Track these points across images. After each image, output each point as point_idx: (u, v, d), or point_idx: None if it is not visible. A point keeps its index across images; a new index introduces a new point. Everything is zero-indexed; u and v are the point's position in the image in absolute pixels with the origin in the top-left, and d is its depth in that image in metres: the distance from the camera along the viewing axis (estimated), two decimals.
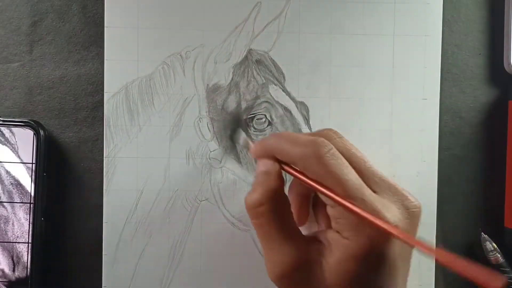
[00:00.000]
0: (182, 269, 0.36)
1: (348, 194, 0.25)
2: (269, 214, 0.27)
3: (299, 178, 0.27)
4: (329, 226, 0.28)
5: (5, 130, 0.34)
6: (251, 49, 0.37)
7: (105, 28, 0.36)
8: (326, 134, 0.28)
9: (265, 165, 0.28)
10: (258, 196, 0.27)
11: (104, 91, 0.36)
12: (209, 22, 0.36)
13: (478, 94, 0.38)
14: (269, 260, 0.27)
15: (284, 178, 0.29)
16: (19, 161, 0.34)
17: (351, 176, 0.26)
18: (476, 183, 0.38)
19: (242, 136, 0.36)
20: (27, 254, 0.34)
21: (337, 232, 0.26)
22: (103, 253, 0.36)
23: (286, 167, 0.28)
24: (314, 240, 0.28)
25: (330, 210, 0.27)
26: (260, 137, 0.37)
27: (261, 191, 0.27)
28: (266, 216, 0.27)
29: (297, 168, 0.28)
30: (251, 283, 0.36)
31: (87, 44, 0.36)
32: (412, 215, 0.26)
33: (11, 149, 0.34)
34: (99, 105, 0.36)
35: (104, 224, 0.36)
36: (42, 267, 0.34)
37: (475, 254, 0.38)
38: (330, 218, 0.27)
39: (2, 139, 0.34)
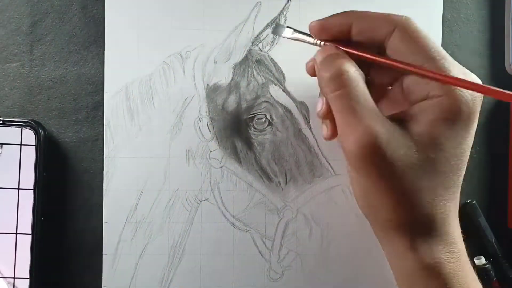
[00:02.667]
0: (182, 269, 0.36)
1: (439, 54, 0.26)
2: (350, 83, 0.26)
3: (371, 58, 0.28)
4: (405, 102, 0.28)
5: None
6: (251, 49, 0.37)
7: (105, 28, 0.36)
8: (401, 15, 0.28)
9: (330, 49, 0.29)
10: (335, 67, 0.27)
11: (104, 91, 0.36)
12: (209, 22, 0.36)
13: (478, 94, 0.38)
14: (354, 132, 0.26)
15: None
16: (19, 161, 0.34)
17: (436, 42, 0.27)
18: (477, 183, 0.38)
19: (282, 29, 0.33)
20: (27, 254, 0.34)
21: (423, 99, 0.26)
22: (103, 253, 0.36)
23: (353, 50, 0.28)
24: (395, 118, 0.27)
25: (411, 80, 0.27)
26: (260, 137, 0.37)
27: (338, 63, 0.27)
28: (347, 86, 0.26)
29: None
30: (251, 283, 0.36)
31: (87, 44, 0.36)
32: None
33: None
34: (99, 105, 0.36)
35: (104, 224, 0.36)
36: (42, 267, 0.34)
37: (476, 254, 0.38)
38: (407, 90, 0.27)
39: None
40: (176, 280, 0.36)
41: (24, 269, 0.34)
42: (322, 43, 0.30)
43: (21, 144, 0.34)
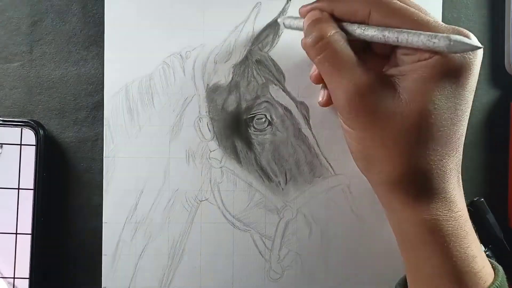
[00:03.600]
0: (182, 269, 0.36)
1: (421, 21, 0.26)
2: (332, 44, 0.28)
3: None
4: (397, 69, 0.28)
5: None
6: (251, 49, 0.37)
7: (105, 28, 0.36)
8: None
9: (314, 14, 0.30)
10: (316, 32, 0.28)
11: (104, 91, 0.36)
12: (209, 22, 0.36)
13: (478, 94, 0.38)
14: (340, 87, 0.28)
15: None
16: (19, 161, 0.34)
17: (415, 10, 0.27)
18: (477, 183, 0.38)
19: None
20: (27, 254, 0.34)
21: (413, 62, 0.27)
22: (103, 253, 0.36)
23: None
24: (383, 74, 0.28)
25: (401, 48, 0.27)
26: (260, 137, 0.37)
27: (316, 29, 0.29)
28: (329, 47, 0.28)
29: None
30: (251, 283, 0.36)
31: (87, 44, 0.36)
32: None
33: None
34: (99, 105, 0.36)
35: (104, 224, 0.36)
36: (42, 267, 0.34)
37: None
38: (397, 58, 0.28)
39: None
40: (176, 280, 0.36)
41: (24, 269, 0.34)
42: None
43: (21, 144, 0.34)
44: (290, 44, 0.37)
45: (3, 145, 0.34)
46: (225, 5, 0.36)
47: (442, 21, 0.37)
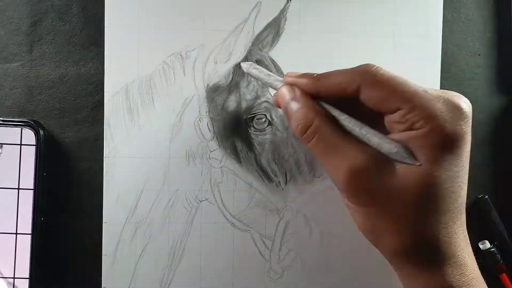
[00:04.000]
0: (182, 269, 0.36)
1: (408, 92, 0.26)
2: (320, 130, 0.28)
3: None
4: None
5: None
6: (251, 49, 0.37)
7: (105, 28, 0.36)
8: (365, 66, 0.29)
9: (289, 91, 0.30)
10: (300, 123, 0.29)
11: (104, 91, 0.36)
12: (209, 22, 0.36)
13: (479, 94, 0.38)
14: (336, 170, 0.27)
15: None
16: (19, 161, 0.34)
17: (407, 80, 0.27)
18: (477, 183, 0.38)
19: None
20: (27, 254, 0.34)
21: (407, 129, 0.27)
22: (103, 253, 0.36)
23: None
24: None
25: (390, 117, 0.27)
26: (260, 137, 0.37)
27: (301, 116, 0.29)
28: (318, 134, 0.28)
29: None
30: (251, 283, 0.36)
31: (87, 44, 0.36)
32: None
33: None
34: (99, 105, 0.36)
35: (104, 224, 0.36)
36: (42, 267, 0.34)
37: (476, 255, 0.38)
38: (388, 126, 0.28)
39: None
40: (176, 280, 0.36)
41: (24, 269, 0.34)
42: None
43: (21, 144, 0.34)
44: (290, 44, 0.37)
45: (3, 145, 0.34)
46: (225, 5, 0.36)
47: (443, 20, 0.37)
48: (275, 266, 0.36)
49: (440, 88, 0.37)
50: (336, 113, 0.28)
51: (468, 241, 0.28)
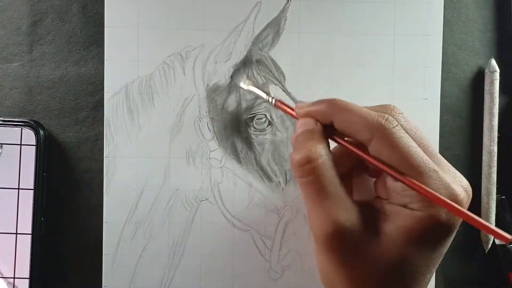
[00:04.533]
0: (182, 269, 0.36)
1: (418, 168, 0.25)
2: (319, 171, 0.26)
3: (354, 152, 0.27)
4: (386, 197, 0.27)
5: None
6: (251, 49, 0.36)
7: (105, 28, 0.36)
8: (387, 108, 0.27)
9: (307, 124, 0.28)
10: (305, 153, 0.27)
11: (104, 91, 0.36)
12: (209, 22, 0.36)
13: (478, 94, 0.38)
14: (319, 219, 0.26)
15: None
16: (19, 161, 0.34)
17: (419, 151, 0.26)
18: (477, 183, 0.38)
19: (244, 79, 0.34)
20: (27, 254, 0.34)
21: (401, 205, 0.26)
22: (103, 253, 0.36)
23: (338, 138, 0.28)
24: (368, 206, 0.27)
25: (392, 183, 0.26)
26: (260, 137, 0.37)
27: (306, 148, 0.27)
28: (315, 173, 0.26)
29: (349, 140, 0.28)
30: (251, 283, 0.36)
31: (87, 44, 0.36)
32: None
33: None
34: (99, 105, 0.36)
35: (104, 224, 0.36)
36: (42, 267, 0.34)
37: (475, 253, 0.38)
38: (388, 190, 0.27)
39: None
40: (176, 280, 0.36)
41: (24, 269, 0.34)
42: (274, 101, 0.31)
43: (21, 144, 0.34)
44: (290, 44, 0.37)
45: (3, 145, 0.34)
46: (225, 5, 0.36)
47: (443, 20, 0.37)
48: (275, 266, 0.36)
49: (440, 89, 0.37)
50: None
51: None
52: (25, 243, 0.34)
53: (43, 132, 0.35)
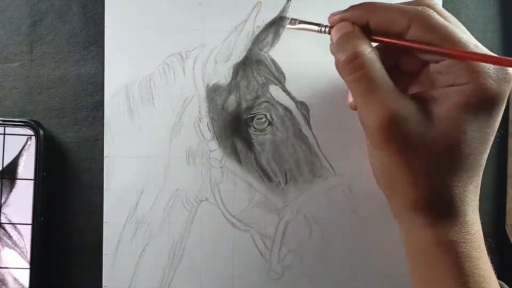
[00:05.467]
0: (182, 269, 0.36)
1: (459, 43, 0.26)
2: (367, 64, 0.27)
3: (396, 42, 0.28)
4: (431, 85, 0.28)
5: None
6: (251, 49, 0.37)
7: (105, 28, 0.36)
8: (423, 0, 0.29)
9: (344, 27, 0.29)
10: (351, 50, 0.27)
11: (104, 91, 0.36)
12: (209, 22, 0.36)
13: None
14: (372, 112, 0.26)
15: None
16: (19, 162, 0.34)
17: (457, 30, 0.27)
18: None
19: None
20: (27, 254, 0.34)
21: (448, 85, 0.27)
22: (103, 253, 0.36)
23: (377, 37, 0.28)
24: (417, 98, 0.27)
25: (436, 67, 0.27)
26: (260, 137, 0.37)
27: (352, 45, 0.28)
28: (364, 68, 0.27)
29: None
30: (251, 283, 0.36)
31: (87, 44, 0.36)
32: None
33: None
34: (99, 105, 0.36)
35: (104, 224, 0.36)
36: (42, 267, 0.34)
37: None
38: (433, 76, 0.28)
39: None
40: (176, 280, 0.36)
41: (24, 269, 0.34)
42: (327, 29, 0.31)
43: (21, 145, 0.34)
44: (290, 44, 0.37)
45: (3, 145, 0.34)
46: (225, 5, 0.36)
47: None
48: (275, 266, 0.36)
49: None
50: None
51: (477, 204, 0.28)
52: (25, 243, 0.34)
53: (43, 132, 0.35)
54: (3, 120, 0.34)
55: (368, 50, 0.27)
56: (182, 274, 0.36)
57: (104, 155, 0.36)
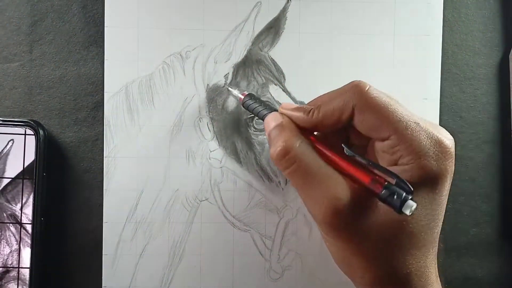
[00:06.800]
0: (182, 269, 0.36)
1: (399, 123, 0.26)
2: (299, 156, 0.27)
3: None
4: (375, 161, 0.28)
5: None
6: (251, 49, 0.37)
7: (105, 28, 0.36)
8: (358, 82, 0.28)
9: (275, 119, 0.29)
10: (280, 145, 0.27)
11: (104, 91, 0.36)
12: (209, 22, 0.36)
13: (478, 94, 0.38)
14: (314, 202, 0.27)
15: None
16: (19, 162, 0.34)
17: (398, 107, 0.27)
18: (476, 183, 0.38)
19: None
20: (27, 254, 0.34)
21: (391, 165, 0.27)
22: (103, 253, 0.36)
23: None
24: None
25: (379, 145, 0.27)
26: (260, 137, 0.37)
27: (281, 140, 0.28)
28: (298, 159, 0.27)
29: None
30: (251, 283, 0.36)
31: (87, 44, 0.36)
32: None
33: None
34: (99, 105, 0.36)
35: (104, 224, 0.36)
36: (42, 267, 0.34)
37: (473, 253, 0.38)
38: (377, 153, 0.28)
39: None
40: (176, 280, 0.36)
41: (24, 269, 0.34)
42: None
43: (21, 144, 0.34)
44: (290, 44, 0.37)
45: (3, 146, 0.34)
46: (225, 5, 0.36)
47: (443, 20, 0.37)
48: (275, 266, 0.36)
49: (440, 89, 0.37)
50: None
51: (438, 275, 0.28)
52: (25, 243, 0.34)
53: (43, 132, 0.35)
54: (3, 120, 0.34)
55: (299, 142, 0.27)
56: (182, 274, 0.36)
57: (104, 155, 0.36)
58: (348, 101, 0.27)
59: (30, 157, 0.34)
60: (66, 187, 0.36)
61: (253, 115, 0.35)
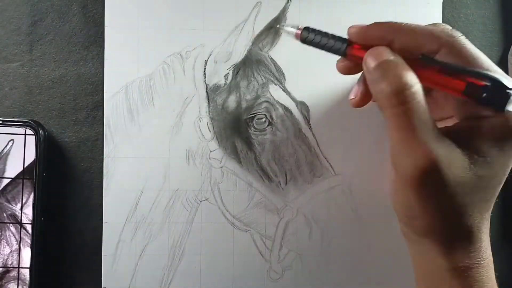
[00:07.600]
0: (182, 269, 0.36)
1: (489, 69, 0.25)
2: (414, 99, 0.24)
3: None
4: (459, 114, 0.27)
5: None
6: (251, 49, 0.37)
7: (105, 28, 0.36)
8: (446, 25, 0.27)
9: (385, 53, 0.26)
10: (398, 81, 0.25)
11: (104, 91, 0.36)
12: (209, 22, 0.36)
13: None
14: (412, 153, 0.24)
15: None
16: (20, 162, 0.34)
17: (486, 57, 0.26)
18: None
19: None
20: (27, 254, 0.34)
21: (475, 117, 0.26)
22: (103, 253, 0.36)
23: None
24: (455, 132, 0.26)
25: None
26: (260, 137, 0.37)
27: (397, 76, 0.25)
28: (411, 102, 0.24)
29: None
30: (251, 283, 0.36)
31: (87, 44, 0.36)
32: None
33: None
34: (99, 105, 0.36)
35: (104, 224, 0.36)
36: (42, 267, 0.34)
37: None
38: (459, 109, 0.27)
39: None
40: (176, 280, 0.36)
41: (24, 269, 0.34)
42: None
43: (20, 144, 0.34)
44: (290, 44, 0.37)
45: (2, 145, 0.34)
46: (225, 5, 0.36)
47: (443, 20, 0.37)
48: (275, 266, 0.36)
49: None
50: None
51: (489, 228, 0.28)
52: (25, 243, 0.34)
53: (43, 132, 0.35)
54: (3, 120, 0.34)
55: (414, 82, 0.25)
56: (182, 274, 0.36)
57: (104, 155, 0.36)
58: (435, 41, 0.26)
59: (30, 157, 0.34)
60: (66, 187, 0.36)
61: (253, 115, 0.35)
